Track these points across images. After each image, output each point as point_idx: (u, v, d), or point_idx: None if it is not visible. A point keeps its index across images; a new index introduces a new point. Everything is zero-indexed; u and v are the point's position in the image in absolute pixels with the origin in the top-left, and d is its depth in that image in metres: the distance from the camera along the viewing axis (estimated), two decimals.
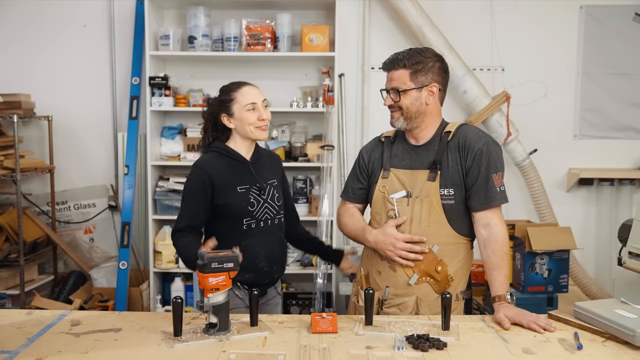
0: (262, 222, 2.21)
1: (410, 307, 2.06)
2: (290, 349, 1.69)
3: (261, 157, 2.31)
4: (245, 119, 2.17)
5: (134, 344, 1.73)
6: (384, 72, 2.15)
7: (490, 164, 2.04)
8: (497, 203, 2.04)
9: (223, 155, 2.21)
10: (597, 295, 3.93)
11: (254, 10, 4.01)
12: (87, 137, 4.21)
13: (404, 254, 2.03)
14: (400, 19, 3.92)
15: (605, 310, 1.83)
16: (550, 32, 4.08)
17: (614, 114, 4.12)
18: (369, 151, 2.26)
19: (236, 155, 2.22)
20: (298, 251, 3.97)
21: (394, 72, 2.09)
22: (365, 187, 2.24)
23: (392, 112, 2.12)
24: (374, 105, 4.09)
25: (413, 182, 2.08)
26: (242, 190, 2.18)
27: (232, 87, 2.23)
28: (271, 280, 2.30)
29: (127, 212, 3.97)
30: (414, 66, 2.06)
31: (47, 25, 4.13)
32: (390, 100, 2.10)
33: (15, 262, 3.78)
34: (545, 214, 3.96)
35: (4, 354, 1.64)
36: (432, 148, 2.10)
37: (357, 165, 2.27)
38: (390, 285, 2.08)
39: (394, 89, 2.08)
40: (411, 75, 2.06)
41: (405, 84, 2.06)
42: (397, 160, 2.15)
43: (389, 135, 2.25)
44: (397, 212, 2.06)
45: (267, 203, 2.22)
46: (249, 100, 2.17)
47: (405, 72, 2.06)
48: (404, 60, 2.07)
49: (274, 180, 2.29)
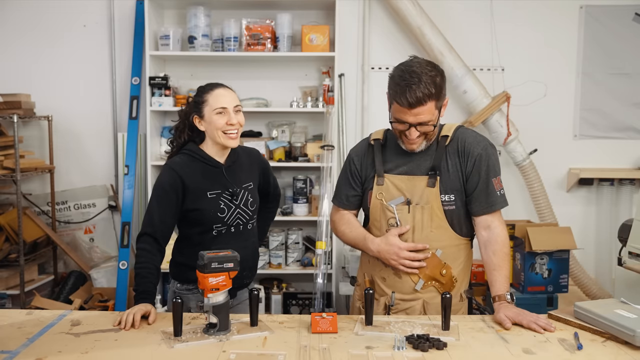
0: (232, 228, 2.17)
1: (418, 311, 2.05)
2: (290, 349, 1.69)
3: (238, 158, 2.24)
4: (213, 122, 2.10)
5: (134, 344, 1.73)
6: (405, 107, 1.93)
7: (489, 168, 2.04)
8: (498, 207, 2.05)
9: (196, 158, 2.15)
10: (597, 295, 3.93)
11: (254, 10, 4.01)
12: (87, 137, 4.21)
13: (408, 262, 2.02)
14: (400, 19, 3.92)
15: (605, 310, 1.83)
16: (550, 32, 4.08)
17: (614, 114, 4.12)
18: (359, 156, 2.18)
19: (209, 160, 2.16)
20: (298, 251, 3.98)
21: (421, 107, 1.92)
22: (358, 194, 2.19)
23: (415, 139, 1.99)
24: (374, 105, 4.09)
25: (412, 188, 2.05)
26: (213, 195, 2.13)
27: (206, 88, 2.16)
28: (240, 285, 2.25)
29: (127, 212, 3.97)
30: (437, 94, 1.93)
31: (47, 25, 4.13)
32: (417, 131, 1.97)
33: (15, 262, 3.78)
34: (545, 214, 3.96)
35: (4, 354, 1.64)
36: (429, 153, 2.07)
37: (349, 171, 2.19)
38: (396, 291, 2.07)
39: (422, 123, 1.96)
40: (436, 104, 1.96)
41: (433, 114, 1.96)
42: (391, 165, 2.10)
43: (378, 137, 2.17)
44: (398, 220, 2.04)
45: (240, 208, 2.18)
46: (219, 104, 2.10)
47: (432, 103, 1.93)
48: (431, 95, 1.91)
49: (249, 183, 2.24)
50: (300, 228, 4.02)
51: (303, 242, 4.04)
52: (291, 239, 3.96)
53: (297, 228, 4.01)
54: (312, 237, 3.97)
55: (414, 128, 1.97)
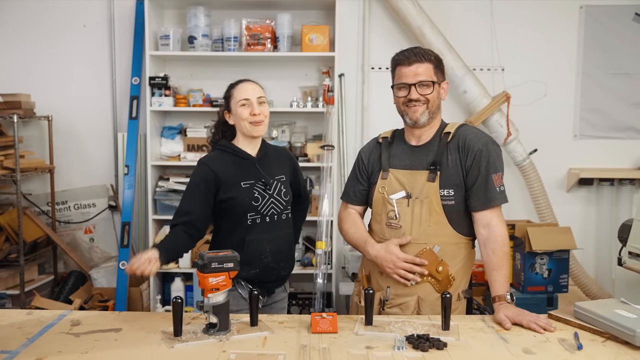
0: (267, 217, 2.22)
1: (412, 307, 2.06)
2: (290, 349, 1.69)
3: (268, 152, 2.32)
4: (238, 114, 2.20)
5: (134, 344, 1.73)
6: (401, 66, 2.06)
7: (489, 164, 2.04)
8: (497, 203, 2.05)
9: (227, 152, 2.24)
10: (597, 295, 3.93)
11: (254, 10, 4.01)
12: (87, 137, 4.21)
13: (403, 273, 2.04)
14: (400, 19, 3.92)
15: (605, 310, 1.83)
16: (550, 32, 4.08)
17: (614, 114, 4.12)
18: (367, 153, 2.26)
19: (240, 152, 2.24)
20: (298, 251, 3.97)
21: (419, 65, 2.03)
22: (366, 189, 2.24)
23: (416, 106, 2.05)
24: (374, 105, 4.09)
25: (412, 182, 2.08)
26: (247, 185, 2.19)
27: (233, 84, 2.29)
28: (278, 277, 2.29)
29: (127, 212, 3.97)
30: (435, 61, 2.07)
31: (47, 25, 4.13)
32: (418, 93, 2.04)
33: (15, 262, 3.78)
34: (545, 214, 3.96)
35: (4, 354, 1.64)
36: (432, 148, 2.11)
37: (357, 167, 2.28)
38: (391, 286, 2.09)
39: (421, 82, 2.04)
40: (435, 69, 2.06)
41: (432, 77, 2.05)
42: (396, 160, 2.15)
43: (386, 136, 2.25)
44: (397, 212, 2.07)
45: (273, 198, 2.23)
46: (242, 96, 2.21)
47: (430, 65, 2.05)
48: (428, 55, 2.05)
49: (281, 175, 2.29)
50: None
51: (303, 242, 4.04)
52: None
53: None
54: (312, 237, 3.97)
55: (414, 88, 2.03)
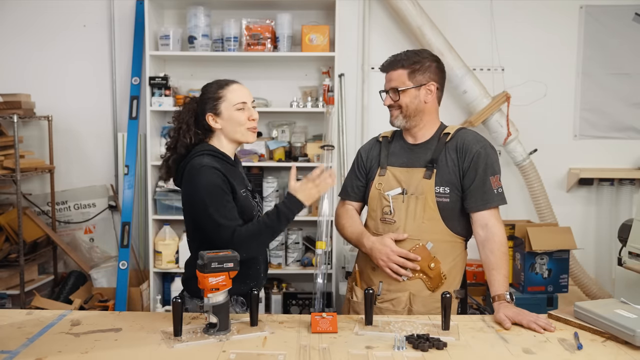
0: None
1: (403, 303, 2.09)
2: (290, 349, 1.69)
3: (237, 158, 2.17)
4: (234, 118, 2.03)
5: (134, 344, 1.73)
6: (383, 73, 2.22)
7: (487, 166, 2.08)
8: (494, 204, 2.08)
9: (219, 158, 2.03)
10: (597, 295, 3.93)
11: (254, 10, 4.01)
12: (87, 137, 4.21)
13: (396, 267, 2.07)
14: (400, 19, 3.92)
15: (605, 310, 1.83)
16: (550, 32, 4.08)
17: (614, 114, 4.11)
18: (367, 150, 2.32)
19: (229, 159, 2.07)
20: (298, 251, 3.98)
21: (392, 72, 2.16)
22: (363, 185, 2.28)
23: (392, 111, 2.19)
24: (374, 105, 4.09)
25: (409, 179, 2.12)
26: (245, 194, 2.08)
27: (221, 84, 2.09)
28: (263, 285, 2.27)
29: (127, 212, 3.97)
30: (411, 66, 2.13)
31: (47, 25, 4.13)
32: (390, 99, 2.16)
33: (15, 262, 3.78)
34: (545, 214, 3.95)
35: (4, 354, 1.64)
36: (430, 147, 2.15)
37: (356, 164, 2.33)
38: (383, 281, 2.12)
39: (393, 88, 2.14)
40: (409, 75, 2.12)
41: (404, 83, 2.13)
42: (394, 158, 2.19)
43: (386, 135, 2.31)
44: (392, 208, 2.11)
45: (259, 205, 2.18)
46: (239, 99, 2.04)
47: (403, 72, 2.13)
48: (402, 61, 2.14)
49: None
50: (300, 228, 4.02)
51: (303, 242, 4.04)
52: (291, 239, 3.96)
53: (297, 228, 4.00)
54: (312, 237, 3.97)
55: (387, 94, 2.17)
